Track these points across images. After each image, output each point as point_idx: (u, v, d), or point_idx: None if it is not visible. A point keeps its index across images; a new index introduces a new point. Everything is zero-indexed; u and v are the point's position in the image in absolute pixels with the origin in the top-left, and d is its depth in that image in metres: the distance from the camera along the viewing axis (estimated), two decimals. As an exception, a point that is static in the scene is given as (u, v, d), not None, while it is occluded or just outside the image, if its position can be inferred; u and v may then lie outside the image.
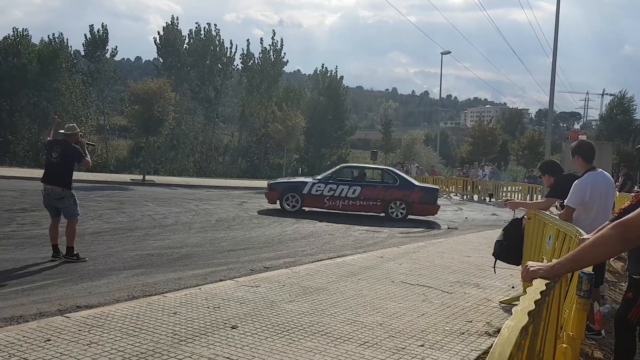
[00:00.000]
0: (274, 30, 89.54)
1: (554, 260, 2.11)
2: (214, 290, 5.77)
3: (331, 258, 8.07)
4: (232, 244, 9.27)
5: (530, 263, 2.14)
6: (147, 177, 22.88)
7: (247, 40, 50.37)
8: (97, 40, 39.15)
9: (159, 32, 42.98)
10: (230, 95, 44.86)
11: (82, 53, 40.37)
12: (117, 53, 41.06)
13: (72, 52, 41.14)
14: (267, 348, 4.08)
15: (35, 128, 37.55)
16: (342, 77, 49.15)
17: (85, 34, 39.10)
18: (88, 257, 7.42)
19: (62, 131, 7.64)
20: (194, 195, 17.72)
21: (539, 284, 1.87)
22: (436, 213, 15.02)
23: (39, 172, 24.32)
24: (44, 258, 7.25)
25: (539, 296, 1.66)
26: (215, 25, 43.95)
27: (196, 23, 42.35)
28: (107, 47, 39.85)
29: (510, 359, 1.29)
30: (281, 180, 16.12)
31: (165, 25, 43.30)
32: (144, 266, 7.12)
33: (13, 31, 38.94)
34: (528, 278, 2.07)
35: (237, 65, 44.82)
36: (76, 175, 7.85)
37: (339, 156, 44.83)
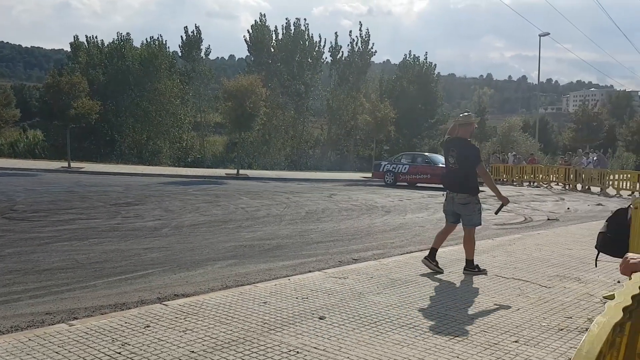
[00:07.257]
0: (360, 22, 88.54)
1: None
2: (303, 281, 5.85)
3: (421, 250, 7.93)
4: (321, 235, 9.36)
5: (630, 255, 1.96)
6: (241, 171, 23.61)
7: (336, 33, 50.16)
8: (193, 41, 40.80)
9: (248, 31, 43.47)
10: (320, 88, 45.12)
11: (179, 54, 42.28)
12: (210, 52, 42.83)
13: (170, 53, 43.11)
14: (354, 339, 4.07)
15: (138, 127, 39.85)
16: (434, 65, 47.76)
17: (181, 36, 40.90)
18: (186, 248, 7.78)
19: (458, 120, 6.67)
20: (285, 189, 18.09)
21: (639, 279, 1.70)
22: None
23: (142, 168, 25.36)
24: (145, 249, 7.68)
25: (637, 291, 1.52)
26: (305, 19, 44.30)
27: (286, 19, 42.33)
28: (201, 47, 41.44)
29: (599, 357, 1.18)
30: None
31: (254, 22, 43.72)
32: (237, 257, 7.36)
33: (117, 35, 41.61)
34: (627, 271, 1.89)
35: (326, 58, 45.06)
36: (175, 170, 8.24)
37: (430, 147, 43.89)
